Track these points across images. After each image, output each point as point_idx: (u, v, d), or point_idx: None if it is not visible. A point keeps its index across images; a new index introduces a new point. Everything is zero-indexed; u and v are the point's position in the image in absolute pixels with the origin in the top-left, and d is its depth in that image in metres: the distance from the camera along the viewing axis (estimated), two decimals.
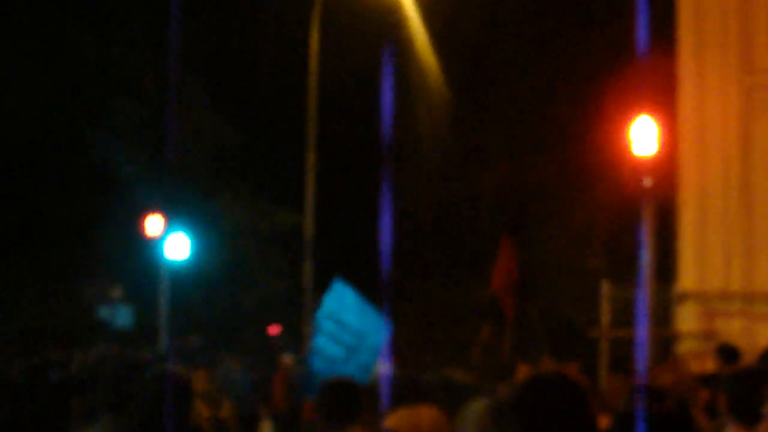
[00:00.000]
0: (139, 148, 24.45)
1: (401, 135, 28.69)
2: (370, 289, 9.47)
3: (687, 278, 17.35)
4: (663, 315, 17.82)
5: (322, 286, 24.85)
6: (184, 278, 24.35)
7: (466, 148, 30.92)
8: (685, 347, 16.12)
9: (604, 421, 8.07)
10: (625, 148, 16.19)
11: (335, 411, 6.34)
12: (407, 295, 27.42)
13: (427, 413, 9.44)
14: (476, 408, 7.08)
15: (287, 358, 15.24)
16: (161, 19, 25.84)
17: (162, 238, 23.24)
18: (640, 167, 15.93)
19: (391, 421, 8.21)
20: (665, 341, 17.24)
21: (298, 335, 22.89)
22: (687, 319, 17.01)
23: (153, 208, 23.48)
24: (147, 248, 23.94)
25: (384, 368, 8.89)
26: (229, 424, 9.62)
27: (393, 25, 28.28)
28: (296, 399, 10.51)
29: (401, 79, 28.55)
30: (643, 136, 15.90)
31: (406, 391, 9.10)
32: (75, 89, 23.07)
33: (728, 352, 11.25)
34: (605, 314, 18.06)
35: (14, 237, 26.13)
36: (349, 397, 6.49)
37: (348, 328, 8.97)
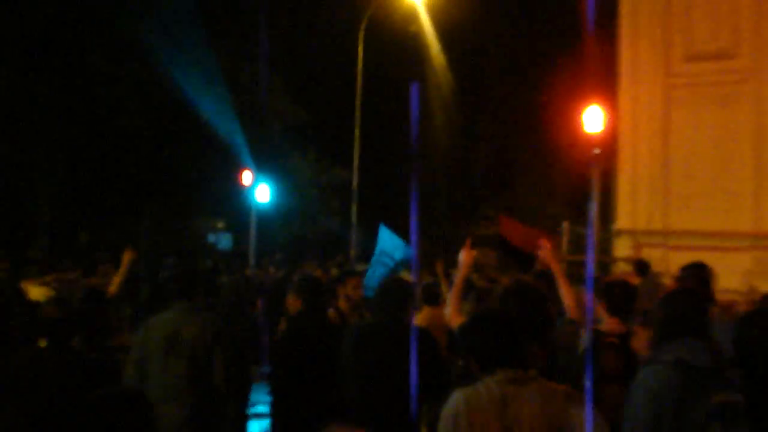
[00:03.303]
0: (238, 123, 24.74)
1: (422, 117, 28.89)
2: (398, 226, 9.78)
3: (622, 219, 17.51)
4: (604, 246, 18.06)
5: (363, 223, 25.30)
6: (267, 215, 24.74)
7: (464, 131, 31.12)
8: (619, 269, 16.38)
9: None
10: (579, 128, 16.37)
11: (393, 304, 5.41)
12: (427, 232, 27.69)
13: (442, 312, 9.77)
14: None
15: (335, 271, 15.60)
16: (250, 31, 26.15)
17: (252, 186, 23.63)
18: (590, 141, 16.10)
19: (419, 318, 8.44)
20: (606, 265, 17.48)
21: (347, 257, 23.26)
22: (622, 249, 17.18)
23: (246, 165, 23.85)
24: (242, 193, 24.28)
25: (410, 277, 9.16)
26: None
27: (416, 34, 28.36)
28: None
29: (423, 79, 28.78)
30: (592, 118, 16.06)
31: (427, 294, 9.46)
32: (194, 81, 23.32)
33: (641, 266, 11.62)
34: (564, 244, 18.29)
35: (152, 185, 26.55)
36: (404, 292, 5.49)
37: (388, 254, 9.35)
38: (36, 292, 8.49)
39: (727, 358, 4.26)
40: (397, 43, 28.32)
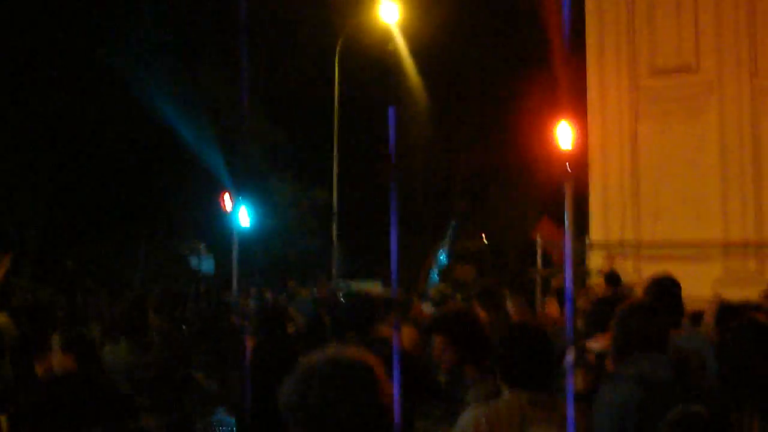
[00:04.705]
0: (219, 147, 24.72)
1: (399, 135, 28.97)
2: (377, 245, 9.80)
3: (595, 232, 17.62)
4: (579, 258, 18.13)
5: (343, 242, 25.18)
6: (248, 237, 24.58)
7: (442, 148, 31.18)
8: (593, 280, 16.44)
9: None
10: (551, 143, 16.50)
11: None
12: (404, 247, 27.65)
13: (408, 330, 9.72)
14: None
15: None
16: (228, 53, 26.17)
17: (233, 209, 23.52)
18: (562, 156, 16.21)
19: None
20: (581, 276, 17.52)
21: (329, 274, 23.18)
22: (595, 261, 17.28)
23: (226, 188, 23.78)
24: (223, 216, 24.20)
25: None
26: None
27: (390, 54, 28.41)
28: None
29: (399, 99, 28.87)
30: (564, 135, 16.19)
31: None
32: (172, 104, 23.30)
33: (612, 278, 11.65)
34: (539, 258, 18.35)
35: (136, 210, 26.41)
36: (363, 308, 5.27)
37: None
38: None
39: (695, 367, 4.24)
40: (373, 63, 28.43)
